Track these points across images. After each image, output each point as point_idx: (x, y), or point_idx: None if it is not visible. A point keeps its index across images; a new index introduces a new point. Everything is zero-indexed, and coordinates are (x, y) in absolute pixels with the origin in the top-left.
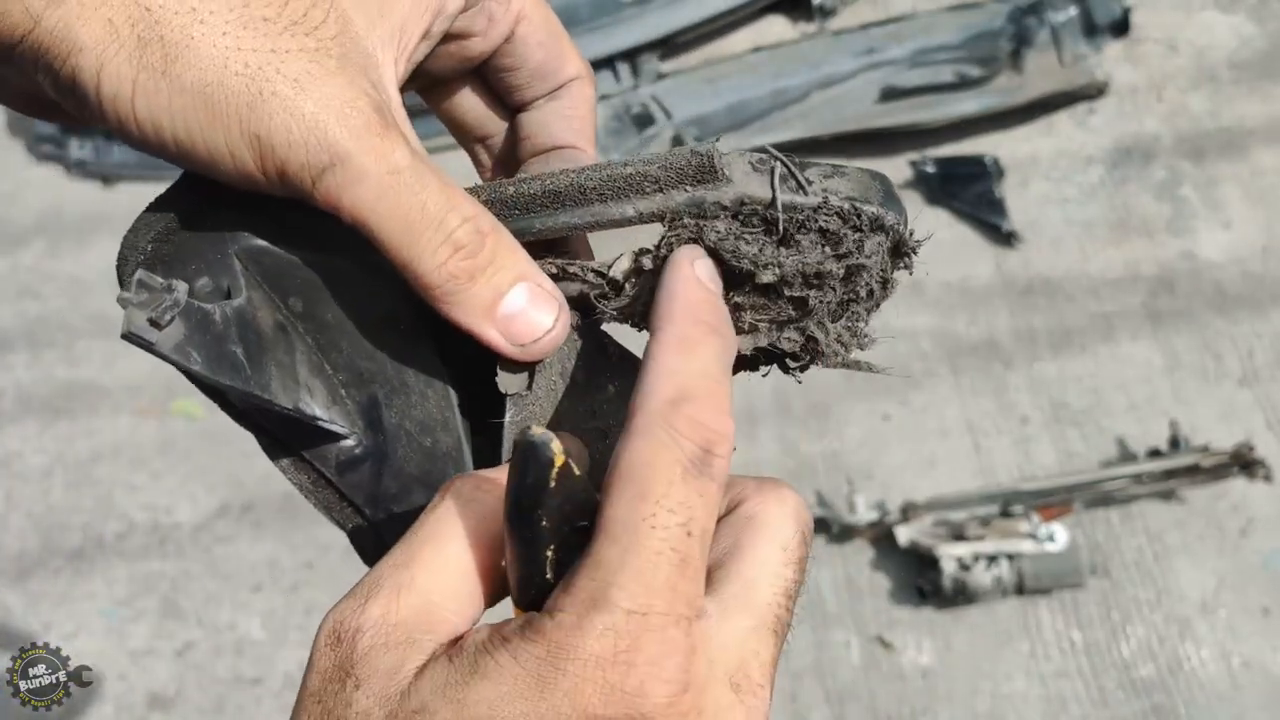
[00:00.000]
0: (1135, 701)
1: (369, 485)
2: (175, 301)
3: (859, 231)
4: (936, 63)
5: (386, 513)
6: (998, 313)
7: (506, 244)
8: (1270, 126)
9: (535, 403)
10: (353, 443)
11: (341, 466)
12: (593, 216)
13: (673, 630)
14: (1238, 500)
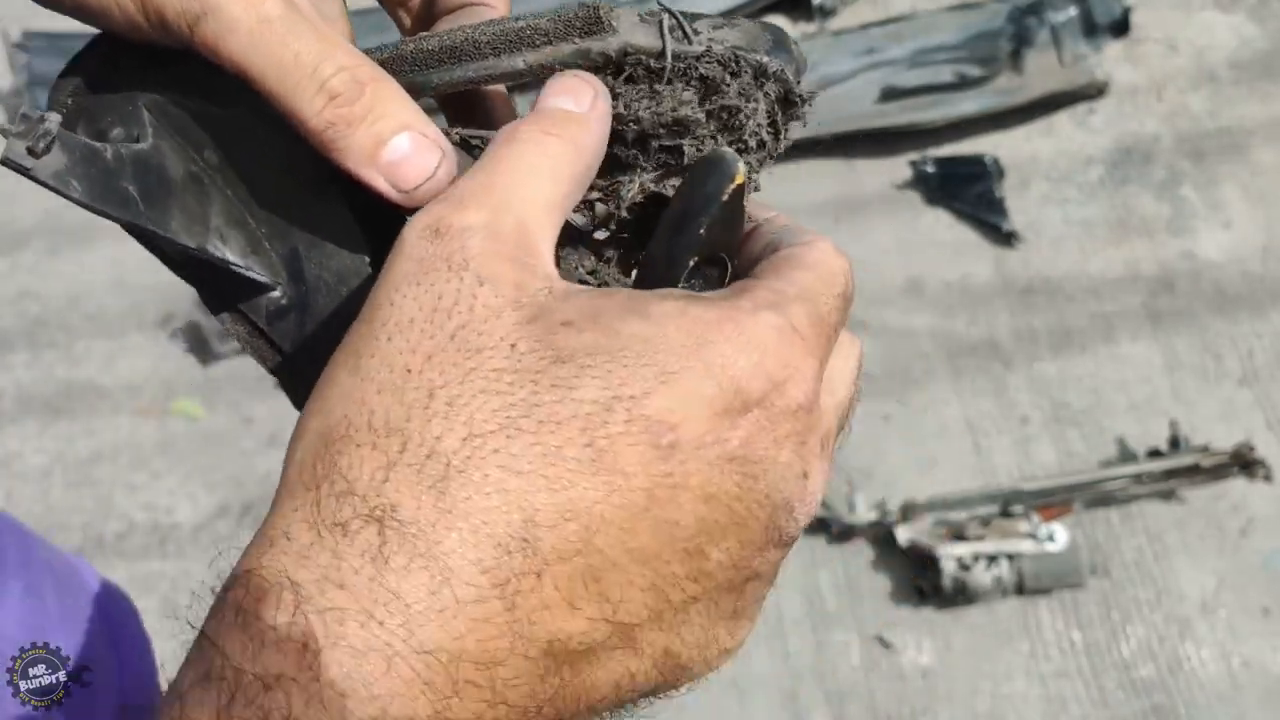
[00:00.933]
0: (1135, 701)
1: (294, 333)
2: (47, 131)
3: (738, 78)
4: (936, 63)
5: (310, 357)
6: (998, 313)
7: (388, 93)
8: (1271, 126)
9: None
10: (279, 294)
11: (271, 317)
12: (485, 70)
13: (814, 360)
14: (1238, 500)
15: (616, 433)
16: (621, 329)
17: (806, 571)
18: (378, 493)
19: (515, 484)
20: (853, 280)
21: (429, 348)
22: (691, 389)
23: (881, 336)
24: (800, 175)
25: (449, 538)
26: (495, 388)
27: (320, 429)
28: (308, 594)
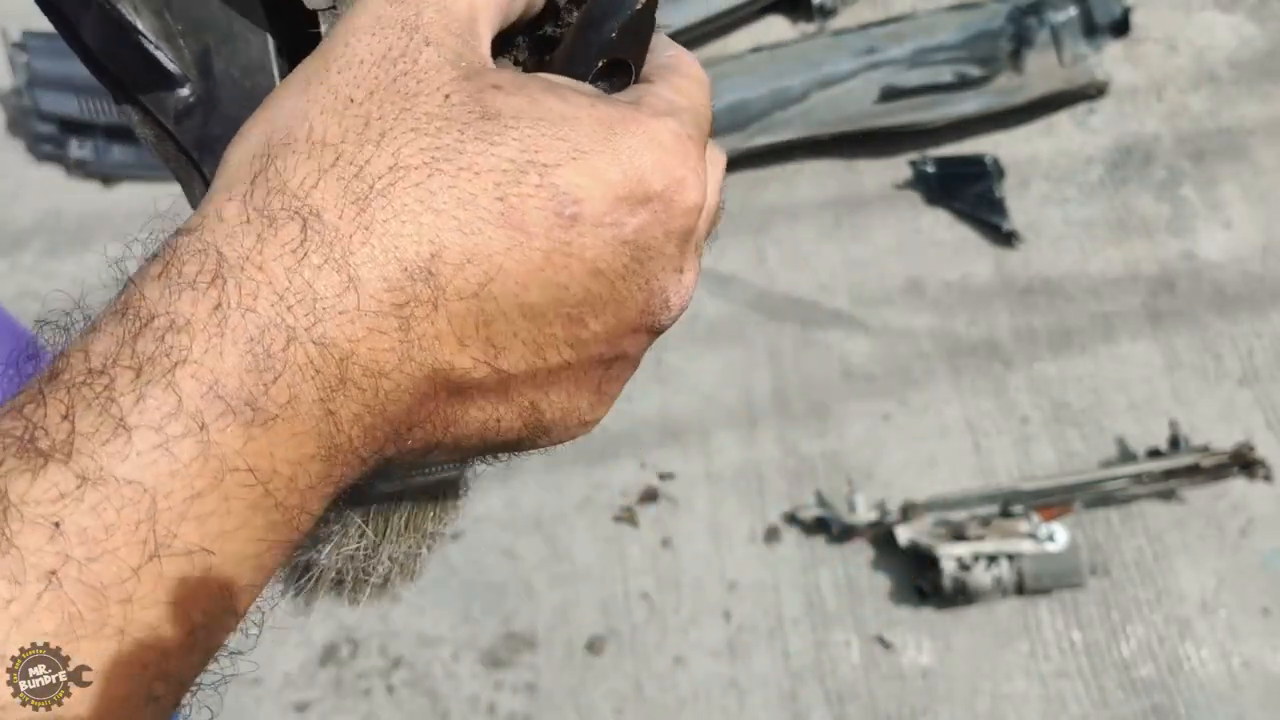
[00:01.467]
0: (1135, 701)
1: (198, 130)
2: None
3: None
4: (936, 63)
5: (211, 153)
6: (998, 313)
7: None
8: (1271, 126)
9: None
10: (187, 91)
11: (179, 116)
12: None
13: (702, 166)
14: (1238, 500)
15: (526, 194)
16: (542, 101)
17: (807, 571)
18: (306, 195)
19: (429, 219)
20: None
21: (371, 85)
22: (600, 170)
23: (882, 336)
24: (800, 175)
25: (361, 250)
26: (425, 128)
27: (262, 135)
28: (229, 266)
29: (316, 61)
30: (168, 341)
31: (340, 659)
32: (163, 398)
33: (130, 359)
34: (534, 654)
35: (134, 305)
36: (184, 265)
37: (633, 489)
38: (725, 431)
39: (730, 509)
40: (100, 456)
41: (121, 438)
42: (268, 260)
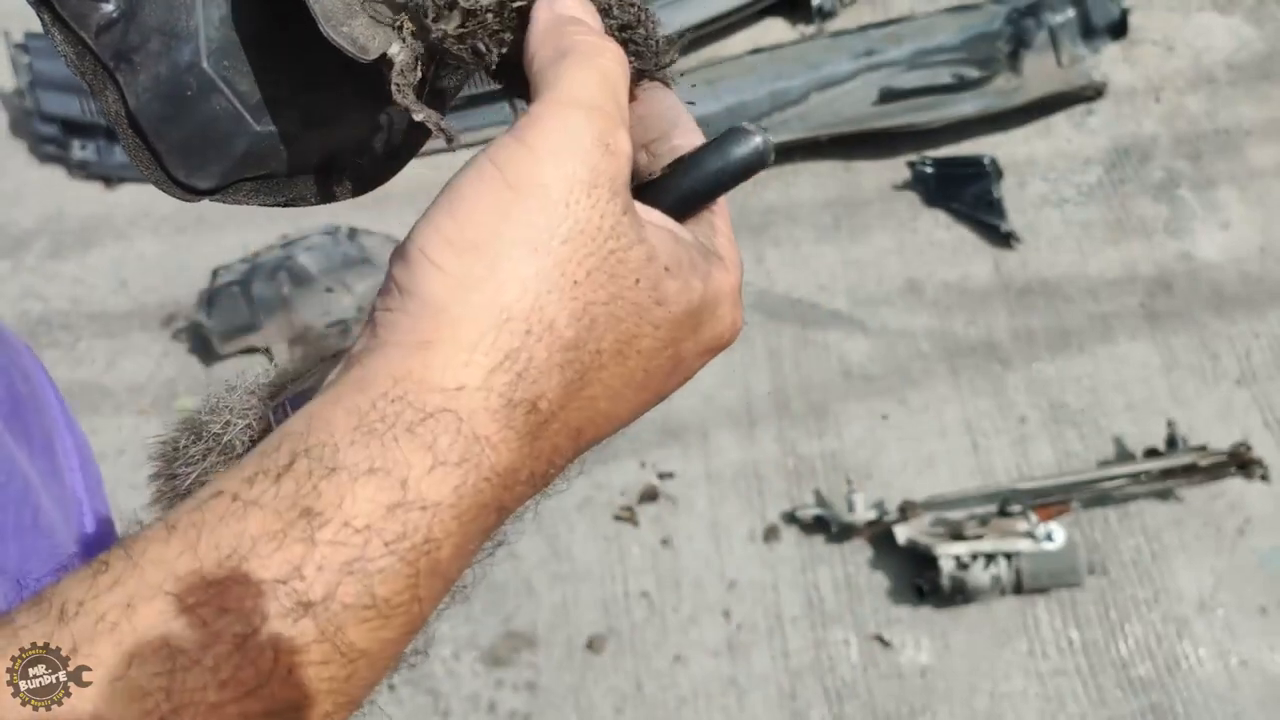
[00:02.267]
0: (1133, 700)
1: (117, 42)
2: None
3: None
4: (935, 64)
5: (128, 63)
6: (996, 313)
7: None
8: (1268, 128)
9: None
10: (110, 6)
11: (99, 30)
12: None
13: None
14: (1235, 499)
15: (661, 365)
16: (689, 285)
17: (806, 570)
18: (536, 380)
19: (607, 405)
20: None
21: (590, 264)
22: (706, 342)
23: (880, 336)
24: (800, 176)
25: (571, 418)
26: (621, 317)
27: (496, 304)
28: (481, 446)
29: (539, 218)
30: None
31: None
32: None
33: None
34: (534, 653)
35: (396, 471)
36: (440, 437)
37: (633, 488)
38: (725, 431)
39: (730, 508)
40: None
41: None
42: (506, 437)
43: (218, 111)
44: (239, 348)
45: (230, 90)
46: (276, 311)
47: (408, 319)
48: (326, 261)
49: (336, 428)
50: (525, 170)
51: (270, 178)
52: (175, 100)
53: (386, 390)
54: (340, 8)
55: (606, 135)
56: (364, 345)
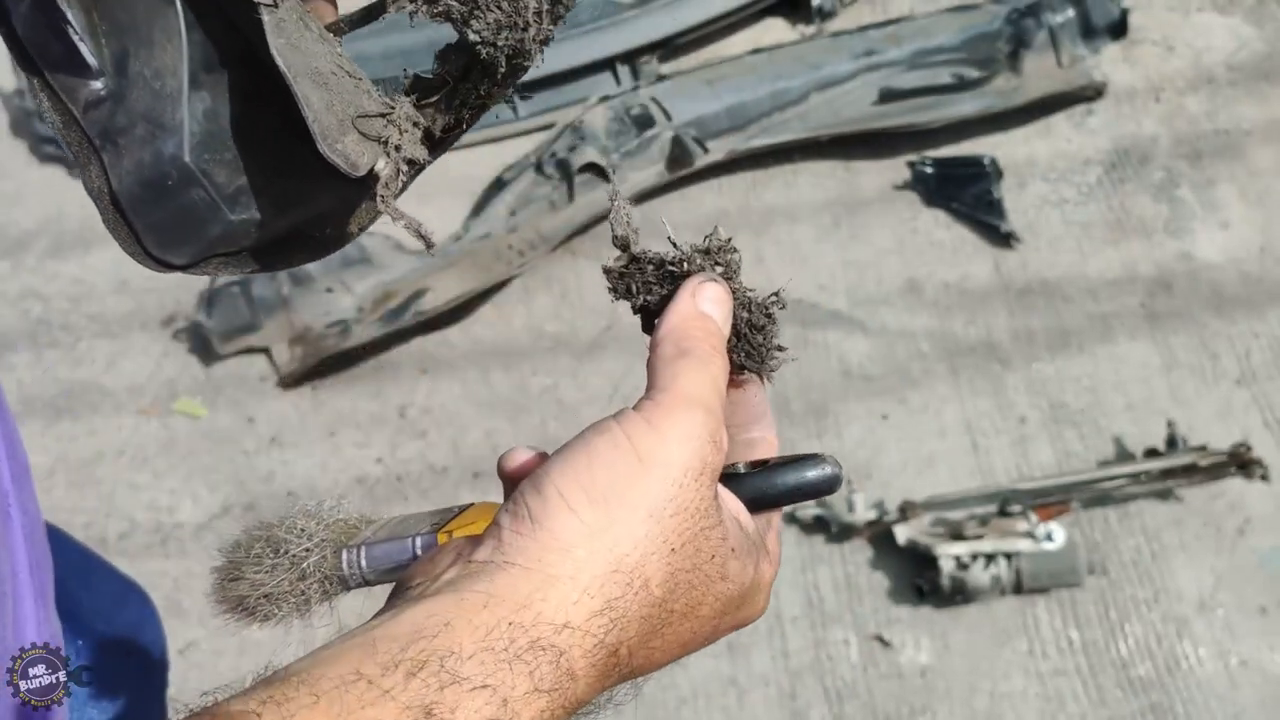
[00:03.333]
0: (1133, 700)
1: (105, 120)
2: None
3: None
4: (934, 64)
5: (113, 144)
6: (996, 313)
7: None
8: (1268, 128)
9: (286, 25)
10: (100, 85)
11: (88, 105)
12: None
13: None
14: (1235, 499)
15: (704, 632)
16: (745, 568)
17: (806, 570)
18: (624, 628)
19: (661, 655)
20: None
21: (687, 535)
22: (744, 618)
23: (880, 337)
24: (800, 176)
25: (637, 662)
26: (696, 585)
27: (613, 554)
28: (575, 679)
29: (657, 487)
30: None
31: None
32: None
33: None
34: None
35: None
36: (541, 666)
37: None
38: None
39: None
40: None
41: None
42: (590, 684)
43: (195, 201)
44: (239, 348)
45: (209, 182)
46: (276, 311)
47: (537, 548)
48: (326, 261)
49: (464, 640)
50: (654, 449)
51: (239, 252)
52: (156, 187)
53: (509, 616)
54: (335, 125)
55: (716, 434)
56: (489, 557)
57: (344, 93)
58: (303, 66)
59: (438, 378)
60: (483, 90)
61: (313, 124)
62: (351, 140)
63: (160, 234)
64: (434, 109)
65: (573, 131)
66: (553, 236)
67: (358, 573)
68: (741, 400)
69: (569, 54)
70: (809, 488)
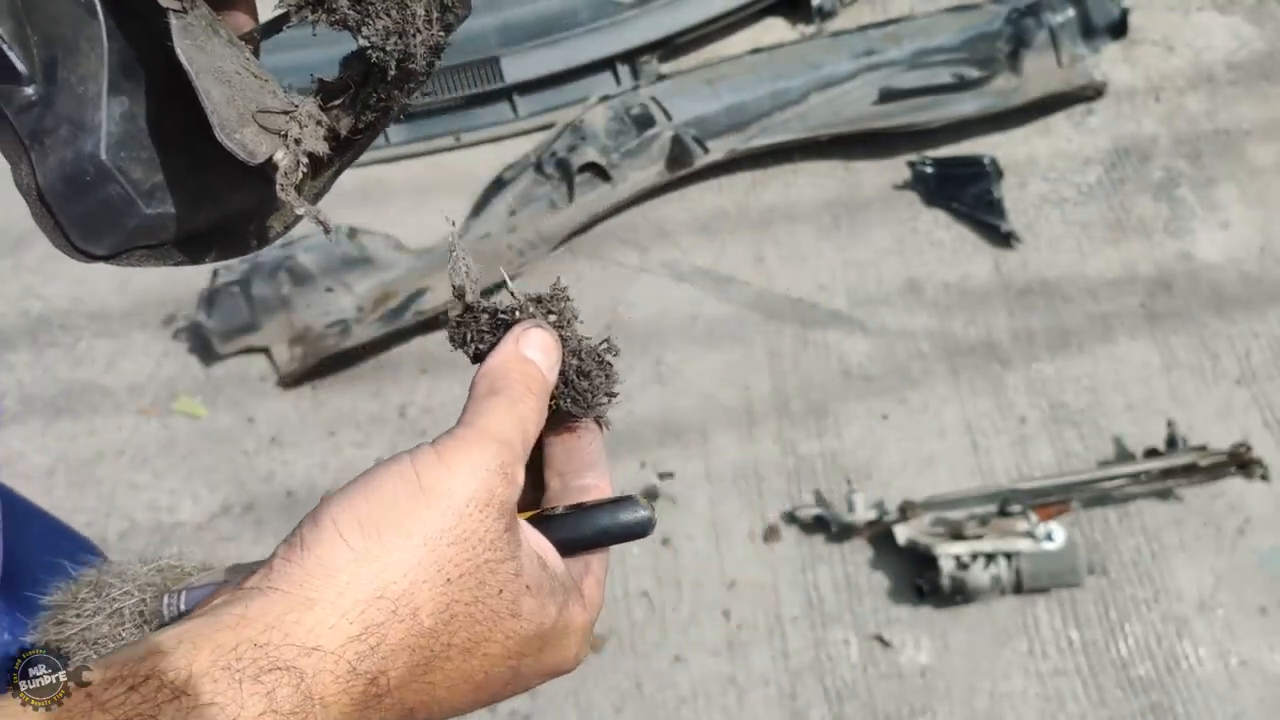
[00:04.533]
0: (1133, 700)
1: (34, 123)
2: None
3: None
4: (935, 64)
5: (40, 145)
6: (996, 313)
7: None
8: (1268, 127)
9: (194, 29)
10: (31, 91)
11: (20, 109)
12: None
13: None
14: (1235, 499)
15: (499, 673)
16: (544, 607)
17: (806, 570)
18: (385, 656)
19: (445, 694)
20: None
21: (466, 566)
22: (550, 665)
23: (880, 337)
24: (800, 176)
25: (407, 697)
26: (478, 617)
27: (378, 580)
28: (308, 680)
29: (435, 516)
30: None
31: None
32: None
33: None
34: None
35: None
36: (280, 689)
37: (633, 488)
38: (725, 431)
39: (730, 508)
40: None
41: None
42: (336, 700)
43: (113, 196)
44: (239, 347)
45: (124, 178)
46: (276, 311)
47: (301, 573)
48: (326, 261)
49: (199, 657)
50: (439, 479)
51: (161, 245)
52: (76, 183)
53: (254, 636)
54: (234, 117)
55: (508, 467)
56: (256, 584)
57: (248, 91)
58: (206, 65)
59: (438, 377)
60: (380, 94)
61: (211, 114)
62: (250, 132)
63: (82, 227)
64: (339, 110)
65: (573, 131)
66: (553, 236)
67: (176, 614)
68: (576, 447)
69: (569, 54)
70: (620, 530)
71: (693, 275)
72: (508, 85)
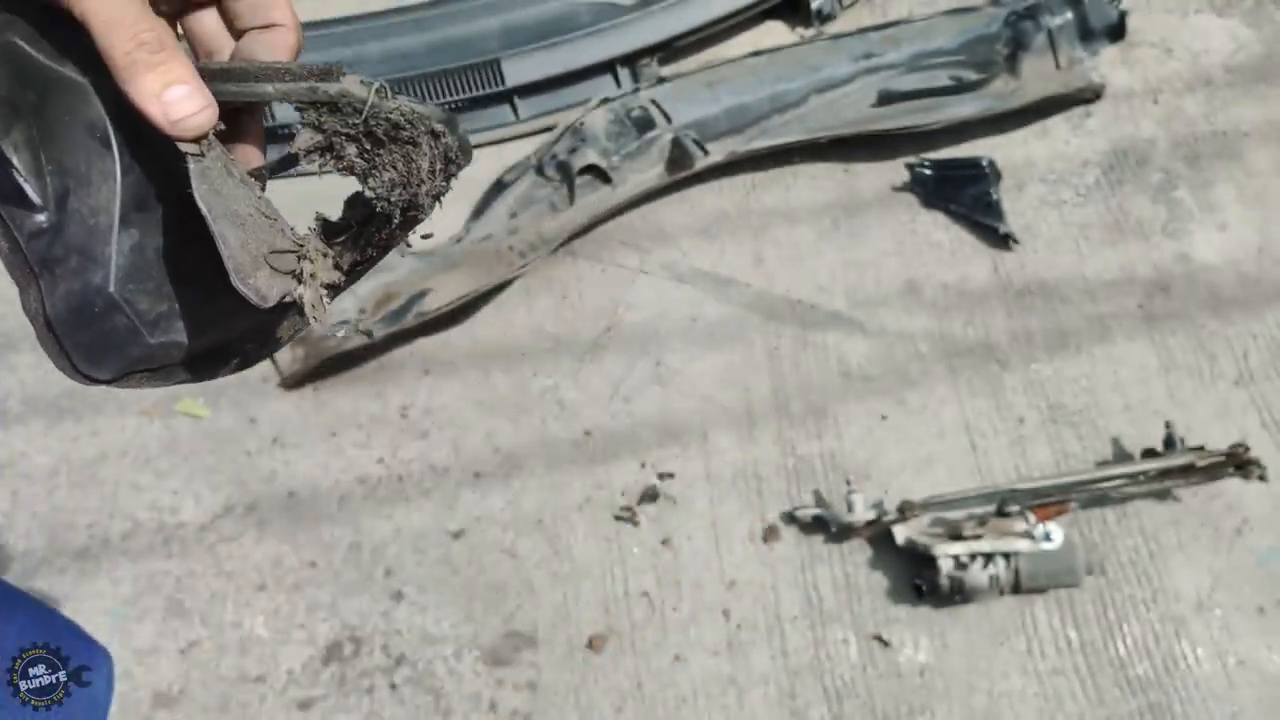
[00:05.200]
0: (1131, 699)
1: (44, 250)
2: None
3: (413, 128)
4: (933, 67)
5: (49, 273)
6: (994, 314)
7: (180, 59)
8: (1266, 129)
9: (210, 172)
10: (43, 219)
11: (31, 236)
12: (250, 91)
13: None
14: (1233, 500)
15: None
16: None
17: (805, 570)
18: None
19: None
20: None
21: None
22: None
23: (879, 338)
24: (799, 178)
25: None
26: None
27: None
28: None
29: None
30: None
31: (343, 657)
32: None
33: None
34: (535, 652)
35: None
36: None
37: (633, 489)
38: (724, 432)
39: (729, 508)
40: None
41: None
42: None
43: (119, 326)
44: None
45: (131, 310)
46: None
47: None
48: None
49: None
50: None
51: (164, 368)
52: (84, 313)
53: None
54: (249, 261)
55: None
56: None
57: (260, 231)
58: (222, 209)
59: (439, 378)
60: (383, 235)
61: (228, 260)
62: (264, 275)
63: (87, 353)
64: (342, 247)
65: (573, 134)
66: (553, 238)
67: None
68: None
69: (570, 56)
70: None
71: (693, 277)
72: (509, 88)
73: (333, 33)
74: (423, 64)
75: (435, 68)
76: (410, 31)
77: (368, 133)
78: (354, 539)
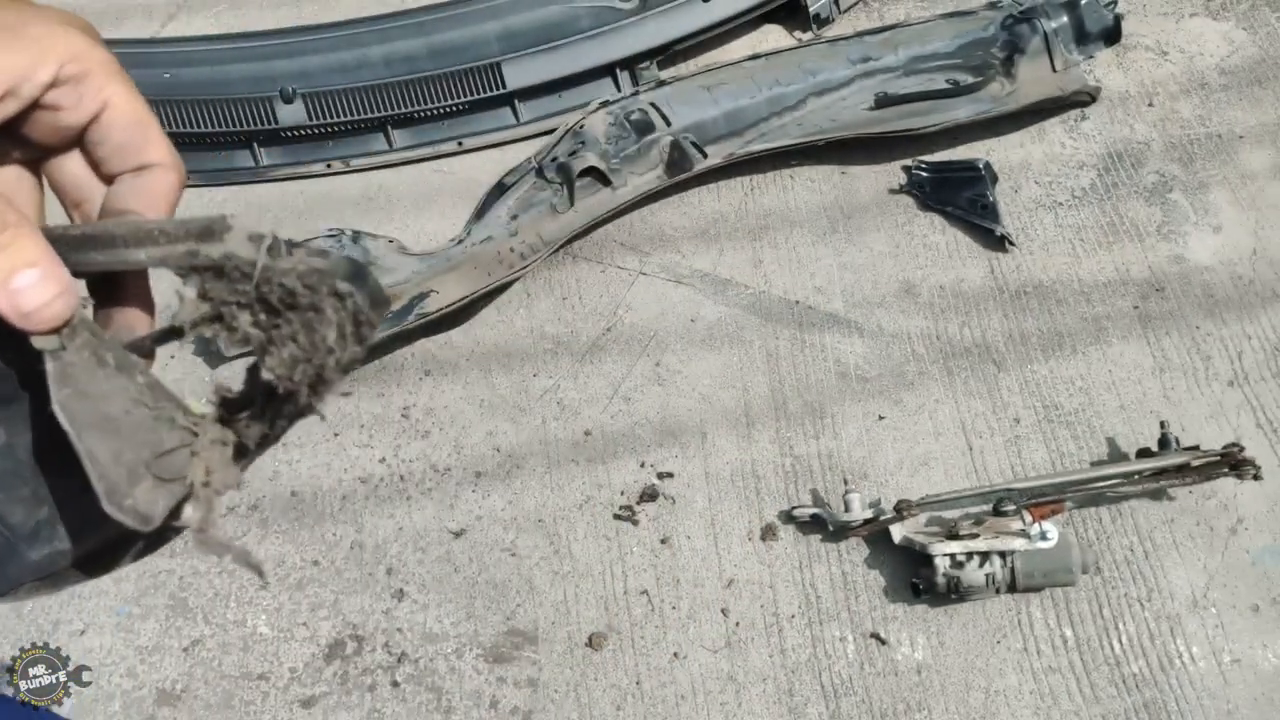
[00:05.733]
0: (1126, 697)
1: None
2: None
3: (313, 292)
4: (930, 70)
5: None
6: (990, 315)
7: (26, 236)
8: (1260, 132)
9: (74, 368)
10: None
11: None
12: (119, 259)
13: None
14: (1227, 499)
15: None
16: None
17: (803, 569)
18: None
19: None
20: None
21: None
22: None
23: (876, 338)
24: (796, 181)
25: None
26: None
27: None
28: None
29: None
30: None
31: (345, 655)
32: None
33: None
34: (535, 650)
35: None
36: None
37: (633, 488)
38: (723, 432)
39: (728, 508)
40: None
41: None
42: None
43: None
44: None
45: (3, 525)
46: None
47: None
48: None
49: None
50: None
51: (49, 577)
52: None
53: None
54: (124, 476)
55: None
56: None
57: (140, 433)
58: (89, 416)
59: (440, 379)
60: (293, 408)
61: (98, 483)
62: (144, 489)
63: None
64: (248, 420)
65: (573, 136)
66: (554, 240)
67: None
68: None
69: (570, 60)
70: None
71: (691, 278)
72: (509, 91)
73: (336, 36)
74: (425, 67)
75: (437, 71)
76: (412, 35)
77: (261, 299)
78: (356, 538)
